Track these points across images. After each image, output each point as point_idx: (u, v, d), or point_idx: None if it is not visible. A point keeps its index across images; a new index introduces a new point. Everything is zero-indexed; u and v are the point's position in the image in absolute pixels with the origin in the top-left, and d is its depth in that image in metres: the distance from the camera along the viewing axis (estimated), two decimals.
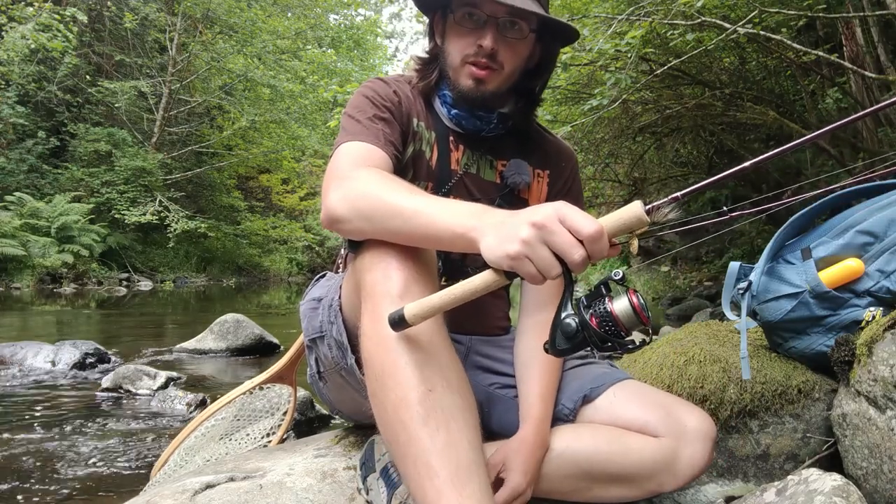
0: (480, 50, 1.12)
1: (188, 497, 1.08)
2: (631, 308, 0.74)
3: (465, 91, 1.16)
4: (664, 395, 1.16)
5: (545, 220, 0.71)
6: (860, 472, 1.18)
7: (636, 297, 0.74)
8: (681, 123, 5.32)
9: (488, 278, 0.76)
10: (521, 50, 1.16)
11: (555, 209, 0.72)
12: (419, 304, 0.79)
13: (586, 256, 0.70)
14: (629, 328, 0.74)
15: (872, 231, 1.31)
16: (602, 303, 0.75)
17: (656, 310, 7.56)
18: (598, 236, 0.70)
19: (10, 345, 3.36)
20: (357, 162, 1.03)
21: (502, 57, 1.13)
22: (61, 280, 11.15)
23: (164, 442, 2.00)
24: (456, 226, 0.80)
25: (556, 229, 0.70)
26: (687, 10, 3.14)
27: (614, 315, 0.74)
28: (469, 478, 0.79)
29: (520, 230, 0.72)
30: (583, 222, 0.70)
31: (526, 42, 1.16)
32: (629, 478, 1.08)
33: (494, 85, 1.16)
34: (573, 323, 0.75)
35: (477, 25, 1.13)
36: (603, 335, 0.74)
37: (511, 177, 1.25)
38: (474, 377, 1.25)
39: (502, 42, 1.12)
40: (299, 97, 16.05)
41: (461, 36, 1.15)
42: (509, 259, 0.72)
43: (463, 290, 0.77)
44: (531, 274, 0.72)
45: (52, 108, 13.96)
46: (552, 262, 0.71)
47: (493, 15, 1.10)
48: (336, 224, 0.96)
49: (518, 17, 1.12)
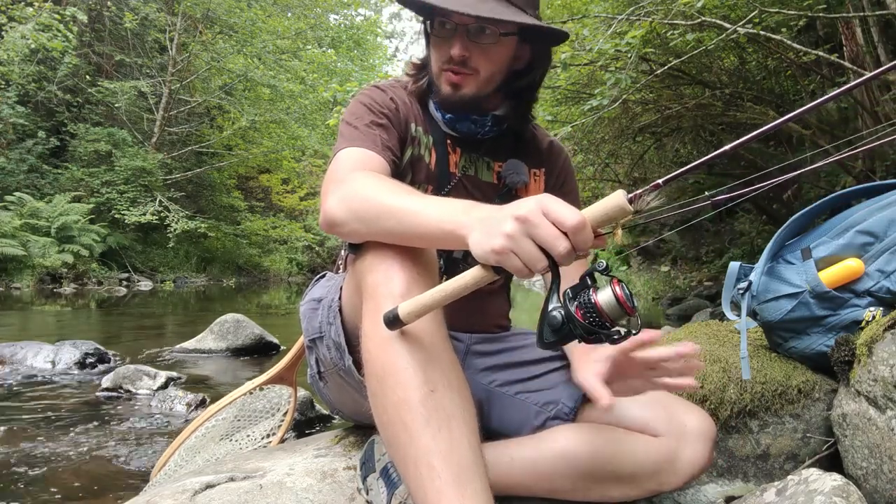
0: (452, 58, 1.15)
1: (188, 497, 1.08)
2: (615, 298, 0.73)
3: (445, 96, 1.19)
4: (664, 395, 1.16)
5: (528, 213, 0.71)
6: (860, 472, 1.19)
7: (620, 287, 0.73)
8: (681, 123, 5.32)
9: (477, 274, 0.76)
10: (495, 54, 1.17)
11: (537, 202, 0.72)
12: (413, 303, 0.80)
13: (571, 248, 0.70)
14: (614, 319, 0.73)
15: (872, 231, 1.31)
16: (586, 294, 0.74)
17: (656, 310, 7.56)
18: (581, 227, 0.69)
19: (10, 345, 3.36)
20: (355, 166, 1.04)
21: (475, 62, 1.15)
22: (61, 280, 11.15)
23: (164, 442, 2.00)
24: (445, 223, 0.80)
25: (540, 222, 0.70)
26: (687, 10, 3.14)
27: (598, 306, 0.73)
28: (470, 479, 0.79)
29: (503, 224, 0.72)
30: (566, 214, 0.70)
31: (501, 45, 1.16)
32: (629, 477, 1.08)
33: (471, 89, 1.17)
34: (559, 315, 0.74)
35: (448, 34, 1.15)
36: (588, 327, 0.73)
37: (509, 177, 1.27)
38: (473, 375, 1.26)
39: (475, 48, 1.14)
40: (299, 97, 16.04)
41: (437, 45, 1.18)
42: (494, 254, 0.72)
43: (454, 286, 0.77)
44: (517, 267, 0.72)
45: (52, 108, 13.96)
46: (537, 256, 0.71)
47: (461, 23, 1.13)
48: (334, 227, 0.97)
49: (487, 23, 1.13)
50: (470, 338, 1.32)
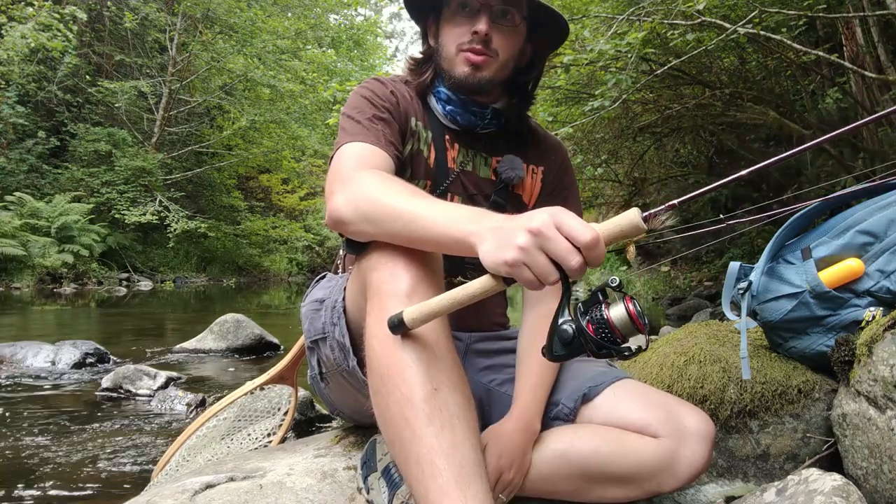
0: (475, 36, 1.15)
1: (188, 497, 1.08)
2: (627, 315, 0.73)
3: (462, 78, 1.19)
4: (664, 396, 1.17)
5: (542, 226, 0.70)
6: (860, 472, 1.19)
7: (633, 304, 0.74)
8: (681, 123, 5.32)
9: (486, 283, 0.76)
10: (513, 40, 1.20)
11: (551, 215, 0.71)
12: (418, 308, 0.80)
13: (583, 263, 0.70)
14: (625, 335, 0.74)
15: (872, 231, 1.31)
16: (599, 309, 0.75)
17: (656, 310, 7.56)
18: (595, 244, 0.69)
19: (10, 345, 3.36)
20: (359, 163, 1.04)
21: (496, 44, 1.17)
22: (61, 280, 11.15)
23: (164, 441, 2.00)
24: (455, 230, 0.80)
25: (553, 236, 0.70)
26: (687, 10, 3.14)
27: (611, 322, 0.73)
28: (472, 478, 0.79)
29: (516, 237, 0.71)
30: (580, 229, 0.69)
31: (518, 32, 1.20)
32: (629, 478, 1.08)
33: (490, 72, 1.18)
34: (570, 329, 0.75)
35: (471, 14, 1.17)
36: (599, 342, 0.74)
37: (504, 172, 1.27)
38: (473, 374, 1.26)
39: (496, 30, 1.16)
40: (299, 97, 16.05)
41: (456, 26, 1.19)
42: (507, 266, 0.72)
43: (462, 294, 0.77)
44: (529, 280, 0.72)
45: (52, 108, 13.97)
46: (549, 269, 0.71)
47: (486, 3, 1.15)
48: (341, 226, 0.96)
49: (509, 5, 1.16)
50: (469, 337, 1.32)
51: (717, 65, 4.81)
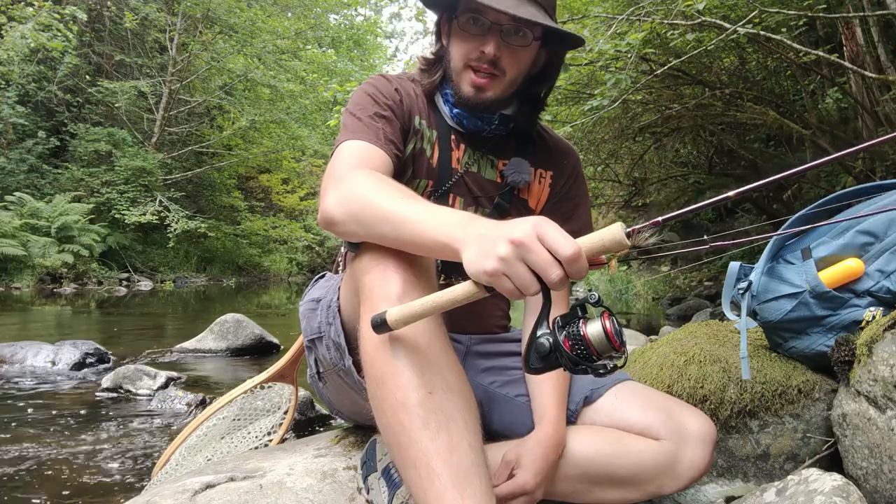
0: (483, 56, 1.12)
1: (188, 497, 1.08)
2: (603, 333, 0.72)
3: (466, 97, 1.17)
4: (664, 398, 1.16)
5: (524, 237, 0.69)
6: (860, 472, 1.19)
7: (610, 321, 0.73)
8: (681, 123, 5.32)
9: (468, 289, 0.76)
10: (523, 56, 1.16)
11: (534, 226, 0.70)
12: (401, 310, 0.79)
13: (564, 276, 0.69)
14: (601, 352, 0.73)
15: (872, 231, 1.31)
16: (576, 325, 0.74)
17: (656, 310, 7.56)
18: (576, 258, 0.68)
19: (10, 345, 3.36)
20: (356, 162, 1.03)
21: (504, 63, 1.13)
22: (61, 280, 11.15)
23: (164, 442, 2.00)
24: (441, 235, 0.79)
25: (535, 247, 0.69)
26: (687, 10, 3.14)
27: (586, 338, 0.72)
28: (470, 480, 0.79)
29: (498, 246, 0.70)
30: (561, 242, 0.69)
31: (529, 49, 1.16)
32: (630, 480, 1.08)
33: (495, 92, 1.16)
34: (547, 343, 0.74)
35: (481, 31, 1.13)
36: (574, 357, 0.73)
37: (511, 175, 1.25)
38: (474, 376, 1.26)
39: (505, 49, 1.12)
40: (299, 97, 16.05)
41: (465, 40, 1.15)
42: (486, 275, 0.71)
43: (445, 298, 0.77)
44: (509, 290, 0.71)
45: (52, 108, 13.96)
46: (530, 280, 0.70)
47: (496, 22, 1.11)
48: (331, 226, 0.96)
49: (524, 25, 1.11)
50: (469, 339, 1.32)
51: (717, 65, 4.81)
